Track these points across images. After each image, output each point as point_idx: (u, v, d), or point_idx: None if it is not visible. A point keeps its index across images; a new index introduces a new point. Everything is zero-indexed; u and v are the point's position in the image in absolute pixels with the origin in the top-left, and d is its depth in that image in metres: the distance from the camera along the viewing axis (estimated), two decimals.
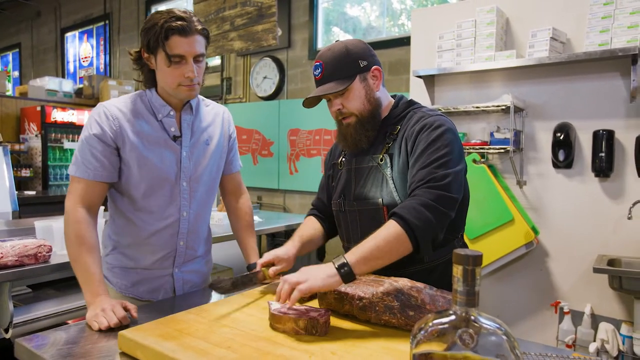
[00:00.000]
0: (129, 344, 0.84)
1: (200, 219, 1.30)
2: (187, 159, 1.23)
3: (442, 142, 1.03)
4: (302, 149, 4.16)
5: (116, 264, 1.25)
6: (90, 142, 1.14)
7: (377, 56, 1.15)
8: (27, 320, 1.63)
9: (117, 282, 1.25)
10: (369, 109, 1.12)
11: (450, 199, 0.99)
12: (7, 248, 1.45)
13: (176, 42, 1.09)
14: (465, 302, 0.52)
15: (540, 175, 2.21)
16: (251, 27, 4.19)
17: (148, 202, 1.20)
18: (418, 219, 0.94)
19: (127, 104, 1.19)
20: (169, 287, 1.27)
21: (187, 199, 1.24)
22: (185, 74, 1.12)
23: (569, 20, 2.11)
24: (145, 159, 1.17)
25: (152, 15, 1.14)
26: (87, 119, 1.17)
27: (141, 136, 1.17)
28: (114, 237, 1.25)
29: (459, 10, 2.41)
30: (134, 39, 6.18)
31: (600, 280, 1.99)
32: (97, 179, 1.14)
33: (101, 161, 1.13)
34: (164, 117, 1.20)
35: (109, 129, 1.14)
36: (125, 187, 1.19)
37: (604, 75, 2.03)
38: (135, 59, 1.20)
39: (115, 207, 1.24)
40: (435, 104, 2.48)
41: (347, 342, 0.85)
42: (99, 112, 1.16)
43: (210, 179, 1.30)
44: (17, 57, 8.54)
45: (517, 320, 2.26)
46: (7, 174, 3.22)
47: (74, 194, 1.13)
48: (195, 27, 1.11)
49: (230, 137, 1.38)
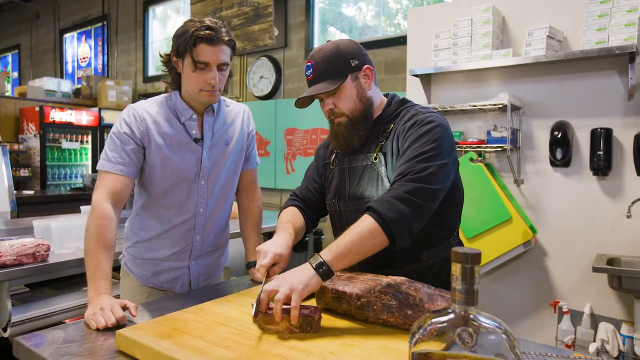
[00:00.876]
0: (127, 343, 0.84)
1: (217, 215, 1.36)
2: (207, 159, 1.30)
3: (430, 137, 1.02)
4: (299, 148, 4.16)
5: (137, 255, 1.33)
6: (121, 139, 1.21)
7: (368, 55, 1.15)
8: (25, 319, 1.64)
9: (138, 272, 1.33)
10: (360, 108, 1.12)
11: (428, 190, 0.97)
12: (5, 247, 1.46)
13: (203, 50, 1.17)
14: (464, 300, 0.52)
15: (537, 174, 2.21)
16: (248, 27, 4.19)
17: (167, 198, 1.28)
18: (391, 211, 0.94)
19: (154, 107, 1.27)
20: (186, 278, 1.35)
21: (205, 197, 1.31)
22: (208, 80, 1.19)
23: (566, 18, 2.11)
24: (168, 159, 1.25)
25: (186, 22, 1.21)
26: (117, 119, 1.25)
27: (165, 137, 1.25)
28: (135, 230, 1.34)
29: (455, 9, 2.41)
30: (131, 40, 6.17)
31: (599, 279, 1.99)
32: (125, 174, 1.20)
33: (130, 157, 1.21)
34: (187, 120, 1.27)
35: (136, 129, 1.22)
36: (147, 184, 1.28)
37: (601, 73, 2.03)
38: (165, 62, 1.27)
39: (138, 203, 1.32)
40: (432, 102, 2.48)
41: (345, 341, 0.85)
42: (128, 113, 1.24)
43: (228, 177, 1.37)
44: (16, 58, 8.53)
45: (516, 320, 2.26)
46: (5, 174, 3.23)
47: (102, 188, 1.18)
48: (223, 38, 1.18)
49: (249, 135, 1.43)
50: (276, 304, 0.87)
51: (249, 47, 4.21)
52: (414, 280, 1.01)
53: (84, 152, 5.77)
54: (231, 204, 1.43)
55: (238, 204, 1.50)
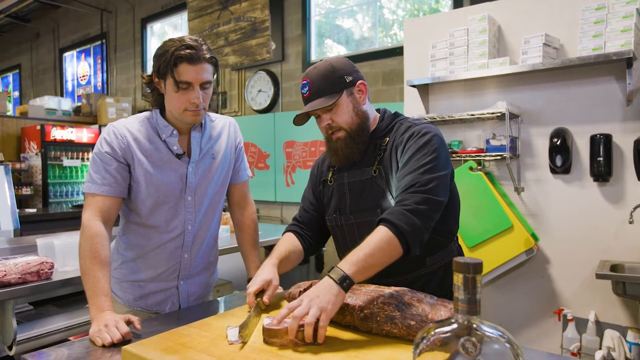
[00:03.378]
0: (133, 359, 0.85)
1: (206, 231, 1.33)
2: (193, 175, 1.27)
3: (429, 149, 1.06)
4: (298, 161, 4.17)
5: (123, 277, 1.30)
6: (103, 159, 1.20)
7: (360, 72, 1.20)
8: (30, 337, 1.63)
9: (124, 295, 1.30)
10: (357, 122, 1.15)
11: (436, 202, 1.02)
12: (10, 266, 1.46)
13: (184, 70, 1.14)
14: (467, 310, 0.52)
15: (538, 182, 2.21)
16: (245, 41, 4.24)
17: (153, 216, 1.25)
18: (407, 224, 0.97)
19: (135, 124, 1.25)
20: (175, 299, 1.31)
21: (192, 213, 1.28)
22: (192, 100, 1.17)
23: (562, 25, 2.14)
24: (152, 176, 1.23)
25: (165, 42, 1.19)
26: (98, 139, 1.23)
27: (147, 154, 1.23)
28: (121, 251, 1.30)
29: (451, 20, 2.45)
30: (129, 57, 6.25)
31: (603, 286, 1.97)
32: (111, 194, 1.19)
33: (114, 176, 1.19)
34: (168, 137, 1.25)
35: (117, 146, 1.20)
36: (133, 202, 1.25)
37: (599, 79, 2.04)
38: (147, 83, 1.24)
39: (123, 222, 1.30)
40: (430, 112, 2.50)
41: (349, 353, 0.84)
42: (109, 132, 1.22)
43: (216, 192, 1.34)
44: (17, 78, 8.63)
45: (520, 328, 2.24)
46: (8, 193, 3.25)
47: (90, 208, 1.17)
48: (204, 56, 1.16)
49: (237, 147, 1.40)
50: (294, 321, 0.86)
51: (246, 61, 4.26)
52: (421, 285, 1.01)
53: (85, 170, 5.79)
54: (219, 220, 1.39)
55: (233, 220, 1.47)
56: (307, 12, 4.31)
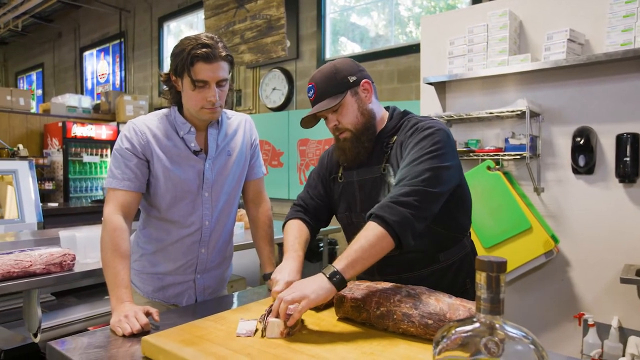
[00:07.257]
0: (152, 349, 0.87)
1: (222, 226, 1.36)
2: (210, 171, 1.29)
3: (428, 142, 1.06)
4: (312, 159, 4.17)
5: (142, 270, 1.34)
6: (123, 155, 1.23)
7: (366, 71, 1.20)
8: (53, 325, 1.70)
9: (143, 287, 1.34)
10: (362, 121, 1.16)
11: (425, 192, 1.00)
12: (35, 256, 1.52)
13: (200, 68, 1.15)
14: (490, 309, 0.51)
15: (559, 182, 2.16)
16: (261, 39, 4.26)
17: (172, 211, 1.28)
18: (393, 214, 0.98)
19: (154, 121, 1.27)
20: (192, 292, 1.35)
21: (209, 208, 1.31)
22: (208, 98, 1.19)
23: (587, 20, 2.07)
24: (170, 172, 1.25)
25: (182, 40, 1.20)
26: (119, 136, 1.26)
27: (165, 151, 1.25)
28: (141, 244, 1.34)
29: (469, 15, 2.40)
30: (147, 55, 6.36)
31: (627, 291, 1.91)
32: (131, 189, 1.21)
33: (134, 172, 1.22)
34: (185, 134, 1.27)
35: (137, 143, 1.23)
36: (152, 197, 1.28)
37: (627, 76, 1.97)
38: (165, 81, 1.26)
39: (144, 216, 1.34)
40: (447, 110, 2.46)
41: (365, 350, 0.84)
42: (128, 128, 1.25)
43: (232, 188, 1.36)
44: (40, 77, 8.91)
45: (538, 332, 2.19)
46: (32, 187, 3.36)
47: (112, 203, 1.20)
48: (220, 54, 1.17)
49: (252, 144, 1.43)
50: (277, 301, 0.91)
51: (262, 59, 4.28)
52: (435, 280, 1.01)
53: (104, 166, 5.92)
54: (235, 216, 1.42)
55: (248, 216, 1.50)
56: (322, 10, 4.31)
